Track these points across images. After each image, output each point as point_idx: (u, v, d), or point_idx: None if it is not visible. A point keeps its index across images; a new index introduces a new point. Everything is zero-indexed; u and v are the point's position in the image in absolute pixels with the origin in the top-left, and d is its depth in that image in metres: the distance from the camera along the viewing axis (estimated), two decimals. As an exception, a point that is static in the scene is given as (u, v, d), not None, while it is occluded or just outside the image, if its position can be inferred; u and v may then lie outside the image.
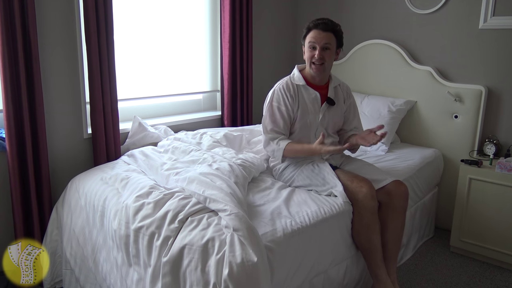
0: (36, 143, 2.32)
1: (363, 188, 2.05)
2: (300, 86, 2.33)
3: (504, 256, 2.65)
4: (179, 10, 3.08)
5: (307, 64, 2.30)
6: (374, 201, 2.06)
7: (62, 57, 2.44)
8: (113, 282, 2.00)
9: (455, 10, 3.00)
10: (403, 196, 2.17)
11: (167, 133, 2.90)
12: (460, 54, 3.02)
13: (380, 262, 2.10)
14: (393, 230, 2.18)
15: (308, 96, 2.32)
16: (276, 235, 1.73)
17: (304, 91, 2.33)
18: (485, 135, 2.97)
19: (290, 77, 2.37)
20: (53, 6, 2.36)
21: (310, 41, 2.24)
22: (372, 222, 2.06)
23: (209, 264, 1.59)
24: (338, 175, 2.17)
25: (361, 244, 2.10)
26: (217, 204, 1.76)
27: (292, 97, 2.30)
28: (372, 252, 2.09)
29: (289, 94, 2.29)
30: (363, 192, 2.04)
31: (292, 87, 2.31)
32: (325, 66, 2.26)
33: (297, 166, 2.31)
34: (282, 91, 2.30)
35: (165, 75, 3.08)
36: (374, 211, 2.07)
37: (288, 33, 3.88)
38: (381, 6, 3.35)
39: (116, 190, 2.13)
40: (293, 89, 2.31)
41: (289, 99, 2.29)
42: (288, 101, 2.29)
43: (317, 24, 2.23)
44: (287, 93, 2.29)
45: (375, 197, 2.07)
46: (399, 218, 2.18)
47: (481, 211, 2.71)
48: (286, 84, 2.33)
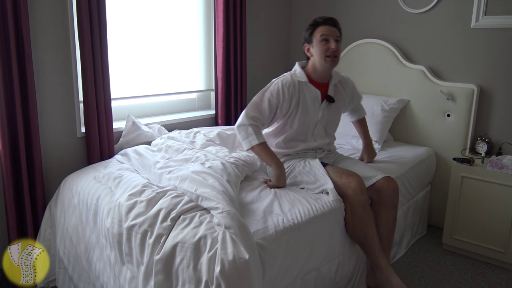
0: (29, 142, 2.32)
1: (351, 183, 2.07)
2: (302, 82, 2.31)
3: (496, 254, 2.68)
4: (173, 9, 3.08)
5: (321, 59, 2.26)
6: (364, 195, 2.07)
7: (55, 56, 2.44)
8: (106, 280, 2.00)
9: (447, 10, 3.02)
10: (393, 192, 2.19)
11: (161, 132, 2.90)
12: (453, 53, 3.04)
13: (379, 252, 2.12)
14: (385, 226, 2.20)
15: (309, 93, 2.31)
16: (268, 233, 1.74)
17: (305, 88, 2.31)
18: (477, 134, 3.00)
19: (291, 73, 2.36)
20: (46, 4, 2.36)
21: (323, 34, 2.23)
22: (364, 216, 2.07)
23: (201, 262, 1.60)
24: (328, 171, 2.19)
25: (357, 238, 2.12)
26: (209, 202, 1.76)
27: (290, 95, 2.28)
28: (369, 245, 2.11)
29: (287, 91, 2.27)
30: (352, 187, 2.06)
31: (293, 84, 2.29)
32: (338, 59, 2.28)
33: (289, 164, 2.32)
34: (281, 86, 2.28)
35: (159, 74, 3.08)
36: (365, 205, 2.08)
37: (282, 32, 3.89)
38: (374, 5, 3.37)
39: (109, 189, 2.14)
40: (293, 86, 2.29)
41: (285, 95, 2.27)
42: (282, 97, 2.27)
43: (326, 19, 2.26)
44: (285, 90, 2.27)
45: (364, 191, 2.08)
46: (390, 214, 2.20)
47: (473, 209, 2.73)
48: (288, 80, 2.30)
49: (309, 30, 2.29)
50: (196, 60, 3.31)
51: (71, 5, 2.45)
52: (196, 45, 3.28)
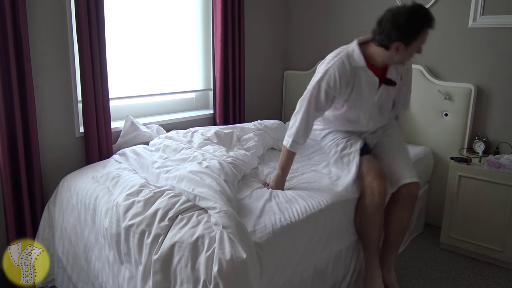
0: (28, 141, 2.32)
1: (373, 184, 2.10)
2: (359, 68, 2.07)
3: (493, 252, 2.69)
4: (171, 8, 3.08)
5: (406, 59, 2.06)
6: (380, 199, 2.10)
7: (54, 55, 2.44)
8: (105, 280, 2.01)
9: (445, 9, 3.02)
10: (412, 196, 2.22)
11: (159, 133, 2.90)
12: (450, 52, 3.05)
13: (374, 253, 2.17)
14: (396, 224, 2.25)
15: (366, 78, 2.09)
16: (265, 231, 1.74)
17: (362, 73, 2.08)
18: (474, 133, 3.00)
19: (347, 54, 2.07)
20: (44, 4, 2.36)
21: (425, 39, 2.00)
22: (373, 217, 2.12)
23: (199, 261, 1.61)
24: (362, 162, 2.17)
25: (360, 232, 2.19)
26: (207, 202, 1.77)
27: (346, 83, 2.06)
28: (367, 243, 2.18)
29: (344, 79, 2.04)
30: (372, 187, 2.10)
31: (349, 70, 2.05)
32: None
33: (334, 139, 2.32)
34: (338, 76, 2.04)
35: (157, 74, 3.08)
36: (377, 208, 2.11)
37: (280, 31, 3.90)
38: (372, 5, 3.37)
39: (107, 189, 2.14)
40: (349, 72, 2.05)
41: (342, 85, 2.05)
42: (339, 87, 2.06)
43: (432, 20, 1.97)
44: (342, 80, 2.04)
45: (382, 196, 2.10)
46: (404, 214, 2.25)
47: (470, 208, 2.74)
48: (342, 65, 2.05)
49: (413, 33, 1.94)
50: (194, 60, 3.32)
51: (69, 5, 2.45)
52: (194, 45, 3.29)
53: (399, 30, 1.93)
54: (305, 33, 3.84)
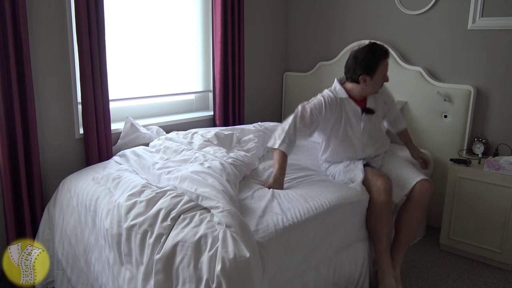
0: (28, 143, 2.32)
1: (377, 182, 2.22)
2: (343, 99, 2.40)
3: (493, 254, 2.69)
4: (171, 10, 3.09)
5: (375, 89, 2.38)
6: (386, 196, 2.19)
7: (54, 57, 2.44)
8: (105, 281, 2.00)
9: (444, 11, 3.04)
10: (424, 194, 2.31)
11: (159, 134, 2.90)
12: (450, 54, 3.06)
13: (384, 252, 2.24)
14: (406, 222, 2.34)
15: (350, 107, 2.40)
16: (268, 231, 1.74)
17: (346, 103, 2.40)
18: (474, 135, 3.01)
19: (332, 90, 2.44)
20: (45, 5, 2.36)
21: (387, 68, 2.33)
22: (381, 214, 2.19)
23: (202, 261, 1.61)
24: (366, 171, 2.33)
25: (369, 230, 2.27)
26: (210, 202, 1.77)
27: (331, 108, 2.36)
28: (376, 241, 2.25)
29: (329, 106, 2.36)
30: (377, 185, 2.21)
31: (335, 99, 2.39)
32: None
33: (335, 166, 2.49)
34: (325, 101, 2.36)
35: (157, 75, 3.08)
36: (385, 205, 2.19)
37: (279, 33, 3.91)
38: (371, 6, 3.39)
39: (108, 190, 2.14)
40: (335, 100, 2.38)
41: (327, 108, 2.35)
42: (325, 109, 2.34)
43: (386, 51, 2.30)
44: (327, 103, 2.36)
45: (388, 192, 2.21)
46: (415, 214, 2.33)
47: (470, 210, 2.74)
48: (329, 95, 2.39)
49: (372, 65, 2.28)
50: (194, 62, 3.32)
51: (69, 6, 2.45)
52: (194, 47, 3.29)
53: (360, 65, 2.29)
54: (304, 34, 3.85)
